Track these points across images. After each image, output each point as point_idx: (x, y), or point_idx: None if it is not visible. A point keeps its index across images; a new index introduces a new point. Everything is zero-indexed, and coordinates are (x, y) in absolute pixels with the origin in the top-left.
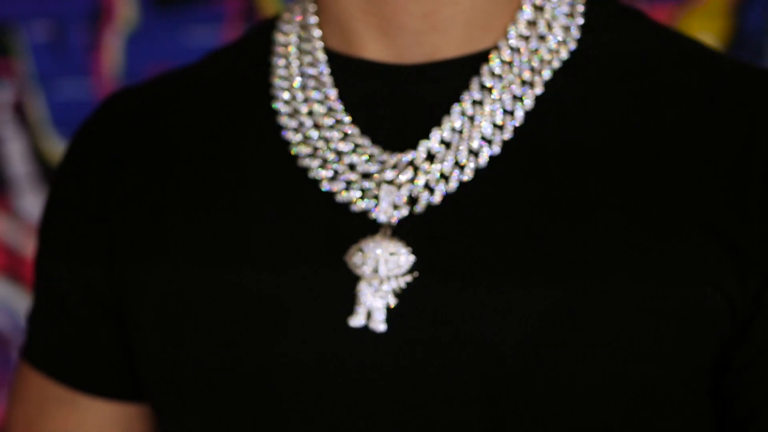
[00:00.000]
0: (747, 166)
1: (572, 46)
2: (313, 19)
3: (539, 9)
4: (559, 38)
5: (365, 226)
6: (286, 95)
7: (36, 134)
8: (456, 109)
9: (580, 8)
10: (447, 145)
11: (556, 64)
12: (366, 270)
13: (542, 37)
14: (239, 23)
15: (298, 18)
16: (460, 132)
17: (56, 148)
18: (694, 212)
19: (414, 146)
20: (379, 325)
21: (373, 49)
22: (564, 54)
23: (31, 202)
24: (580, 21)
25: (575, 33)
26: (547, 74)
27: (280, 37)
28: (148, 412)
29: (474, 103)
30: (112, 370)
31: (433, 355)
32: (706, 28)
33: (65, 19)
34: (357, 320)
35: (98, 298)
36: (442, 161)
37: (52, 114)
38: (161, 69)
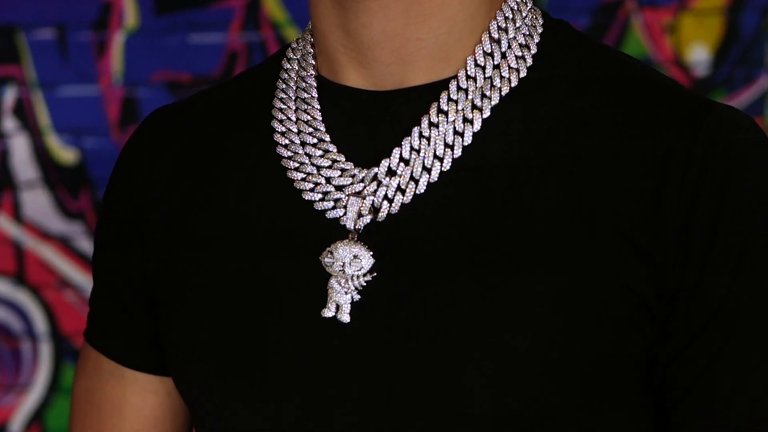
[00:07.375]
0: (663, 186)
1: (523, 73)
2: (311, 51)
3: (496, 42)
4: (513, 66)
5: (338, 231)
6: (280, 116)
7: (40, 137)
8: (415, 130)
9: (536, 39)
10: (406, 162)
11: (504, 91)
12: (335, 269)
13: (496, 66)
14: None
15: (301, 48)
16: (418, 151)
17: (60, 150)
18: (612, 222)
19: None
20: (344, 317)
21: (354, 78)
22: (514, 81)
23: (36, 204)
24: (534, 50)
25: (529, 61)
26: (495, 100)
27: (285, 64)
28: None
29: (430, 125)
30: (152, 350)
31: (387, 343)
32: (701, 28)
33: (70, 25)
34: (328, 312)
35: (138, 287)
36: (400, 176)
37: (56, 117)
38: (164, 74)
